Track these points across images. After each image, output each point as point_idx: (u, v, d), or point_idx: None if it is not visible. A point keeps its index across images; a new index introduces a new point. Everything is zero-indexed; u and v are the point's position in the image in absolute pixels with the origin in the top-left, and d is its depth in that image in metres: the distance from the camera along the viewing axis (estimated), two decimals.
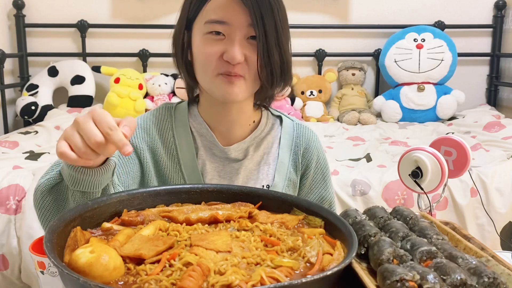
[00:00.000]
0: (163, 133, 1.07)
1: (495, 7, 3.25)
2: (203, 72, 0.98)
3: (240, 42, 0.93)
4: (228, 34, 0.94)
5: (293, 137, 1.12)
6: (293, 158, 1.11)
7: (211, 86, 0.98)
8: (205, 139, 1.07)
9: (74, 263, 0.60)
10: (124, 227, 0.76)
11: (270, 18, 0.92)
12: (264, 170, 1.09)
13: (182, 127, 1.07)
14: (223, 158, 1.07)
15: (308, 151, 1.12)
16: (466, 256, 0.68)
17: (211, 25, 0.94)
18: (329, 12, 3.26)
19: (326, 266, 0.65)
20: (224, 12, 0.92)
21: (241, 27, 0.93)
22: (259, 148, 1.09)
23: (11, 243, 1.85)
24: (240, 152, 1.07)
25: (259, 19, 0.91)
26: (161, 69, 3.19)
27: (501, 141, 2.37)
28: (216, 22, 0.93)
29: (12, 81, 3.12)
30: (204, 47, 0.95)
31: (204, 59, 0.95)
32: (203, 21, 0.95)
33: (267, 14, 0.91)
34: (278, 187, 1.08)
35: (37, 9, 3.17)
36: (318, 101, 3.17)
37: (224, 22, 0.93)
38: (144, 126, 1.06)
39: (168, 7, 3.15)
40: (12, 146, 2.35)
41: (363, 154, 2.28)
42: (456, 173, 1.06)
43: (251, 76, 0.96)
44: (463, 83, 3.23)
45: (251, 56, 0.94)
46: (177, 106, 1.11)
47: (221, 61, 0.94)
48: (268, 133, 1.11)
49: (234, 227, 0.78)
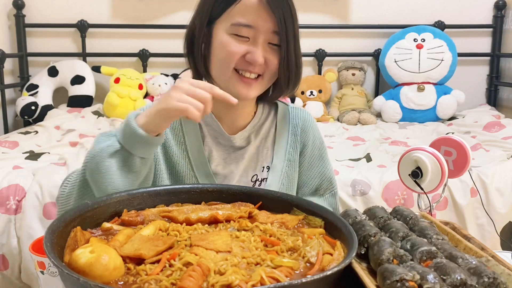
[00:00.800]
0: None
1: (495, 7, 3.25)
2: (221, 67, 1.03)
3: (263, 46, 1.01)
4: (253, 37, 1.00)
5: (289, 119, 1.18)
6: (291, 139, 1.17)
7: (227, 82, 1.04)
8: (211, 128, 1.12)
9: (74, 263, 0.61)
10: (124, 227, 0.76)
11: (292, 26, 1.00)
12: (263, 153, 1.15)
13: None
14: (228, 146, 1.12)
15: (304, 130, 1.19)
16: (466, 256, 0.68)
17: (238, 28, 1.00)
18: (329, 12, 3.26)
19: (326, 266, 0.65)
20: (253, 16, 0.99)
21: (266, 32, 1.00)
22: (259, 134, 1.16)
23: (11, 243, 1.85)
24: (243, 140, 1.14)
25: (283, 27, 0.99)
26: (161, 69, 3.19)
27: (501, 141, 2.37)
28: (244, 25, 0.99)
29: (12, 81, 3.12)
30: (228, 46, 1.00)
31: (226, 56, 1.01)
32: (229, 21, 1.00)
33: (289, 23, 0.99)
34: (277, 167, 1.14)
35: (37, 9, 3.17)
36: (318, 101, 3.17)
37: (251, 26, 0.99)
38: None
39: (168, 7, 3.14)
40: (12, 146, 2.35)
41: (363, 154, 2.28)
42: (456, 173, 1.06)
43: (268, 76, 1.04)
44: (463, 83, 3.23)
45: (271, 59, 1.02)
46: None
47: (242, 60, 1.01)
48: (266, 119, 1.18)
49: (234, 227, 0.78)
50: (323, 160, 1.22)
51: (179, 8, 3.12)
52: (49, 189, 1.86)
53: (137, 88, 3.01)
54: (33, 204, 1.85)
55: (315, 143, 1.20)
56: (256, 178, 1.13)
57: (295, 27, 1.01)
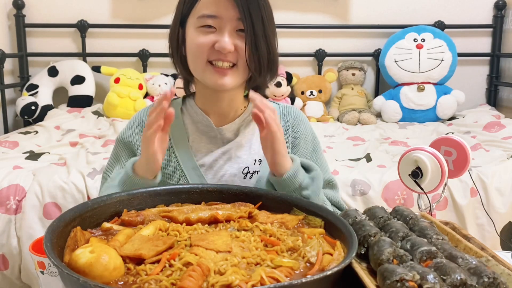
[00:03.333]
0: None
1: (495, 7, 3.25)
2: (195, 61, 1.07)
3: (230, 34, 1.03)
4: (219, 27, 1.03)
5: (281, 116, 1.19)
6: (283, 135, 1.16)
7: (203, 75, 1.07)
8: (201, 124, 1.15)
9: (74, 263, 0.61)
10: (124, 227, 0.76)
11: (257, 12, 1.02)
12: (256, 145, 1.16)
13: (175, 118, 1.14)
14: (217, 139, 1.15)
15: (295, 125, 1.19)
16: (466, 256, 0.68)
17: (203, 19, 1.03)
18: (329, 12, 3.26)
19: (326, 266, 0.65)
20: (215, 7, 1.02)
21: (230, 20, 1.02)
22: (249, 127, 1.17)
23: (11, 243, 1.85)
24: (232, 133, 1.16)
25: (247, 13, 1.01)
26: (161, 69, 3.19)
27: (501, 141, 2.37)
28: (208, 16, 1.02)
29: (12, 81, 3.12)
30: (197, 39, 1.04)
31: (196, 48, 1.05)
32: (195, 16, 1.04)
33: (254, 9, 1.01)
34: None
35: (37, 9, 3.17)
36: (318, 101, 3.17)
37: (215, 16, 1.02)
38: (139, 122, 1.18)
39: (168, 7, 3.14)
40: (12, 146, 2.35)
41: (363, 154, 2.28)
42: (456, 173, 1.06)
43: (242, 64, 1.05)
44: (463, 83, 3.23)
45: (241, 46, 1.04)
46: (173, 102, 1.20)
47: (213, 50, 1.03)
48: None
49: (234, 227, 0.78)
50: (317, 155, 1.22)
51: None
52: (49, 189, 1.86)
53: (137, 88, 3.01)
54: (33, 204, 1.85)
55: (307, 137, 1.20)
56: (247, 170, 1.14)
57: (263, 12, 1.03)
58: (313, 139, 1.22)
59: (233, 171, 1.13)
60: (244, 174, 1.14)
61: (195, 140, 1.15)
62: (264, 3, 1.04)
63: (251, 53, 1.03)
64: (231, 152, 1.14)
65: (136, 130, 1.17)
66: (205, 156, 1.14)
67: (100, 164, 2.01)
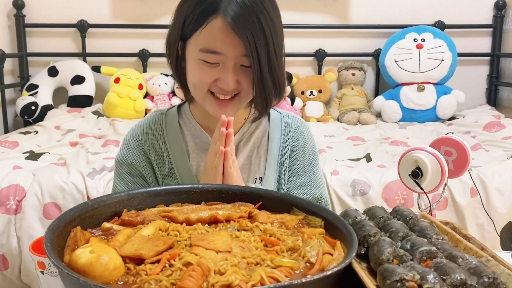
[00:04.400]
0: (154, 140, 1.11)
1: (495, 7, 3.25)
2: (195, 90, 1.02)
3: (234, 70, 0.96)
4: (222, 62, 0.96)
5: (282, 128, 1.15)
6: (282, 147, 1.13)
7: (203, 102, 1.03)
8: (200, 140, 1.11)
9: (74, 263, 0.61)
10: (124, 227, 0.76)
11: (264, 47, 0.93)
12: (256, 163, 1.12)
13: (173, 132, 1.11)
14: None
15: (295, 136, 1.15)
16: (466, 256, 0.68)
17: (206, 55, 0.95)
18: (329, 12, 3.26)
19: (326, 266, 0.65)
20: (219, 43, 0.94)
21: (235, 57, 0.95)
22: (249, 143, 1.12)
23: (11, 243, 1.85)
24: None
25: (254, 50, 0.92)
26: (161, 69, 3.19)
27: (501, 141, 2.37)
28: (211, 52, 0.95)
29: (12, 81, 3.12)
30: (198, 73, 0.98)
31: (198, 82, 0.99)
32: (197, 46, 0.96)
33: (260, 44, 0.92)
34: (270, 179, 1.11)
35: (37, 9, 3.17)
36: (318, 101, 3.17)
37: (218, 53, 0.95)
38: (138, 140, 1.12)
39: (168, 7, 3.14)
40: (12, 146, 2.35)
41: (363, 154, 2.28)
42: (456, 173, 1.06)
43: (244, 94, 1.01)
44: (463, 83, 3.23)
45: (244, 79, 0.98)
46: (167, 113, 1.14)
47: (215, 85, 0.98)
48: (257, 127, 1.14)
49: (234, 227, 0.78)
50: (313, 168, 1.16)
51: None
52: (49, 189, 1.86)
53: (137, 88, 3.01)
54: (33, 204, 1.85)
55: (306, 149, 1.16)
56: None
57: (270, 45, 0.94)
58: (312, 152, 1.17)
59: None
60: None
61: (196, 158, 1.10)
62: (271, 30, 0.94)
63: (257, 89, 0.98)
64: None
65: (136, 150, 1.11)
66: None
67: (100, 164, 2.01)
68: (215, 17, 0.93)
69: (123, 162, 1.12)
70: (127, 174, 1.12)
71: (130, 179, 1.12)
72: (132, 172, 1.12)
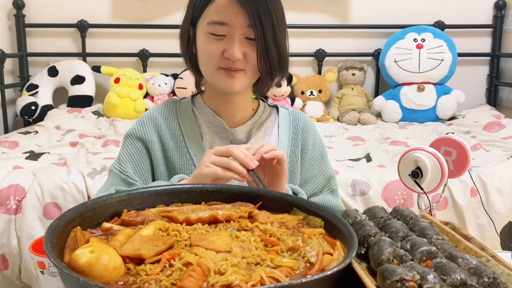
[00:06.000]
0: (169, 122, 1.17)
1: (495, 7, 3.25)
2: (206, 66, 1.09)
3: (240, 41, 1.03)
4: (228, 34, 1.03)
5: (290, 121, 1.22)
6: (292, 138, 1.20)
7: (213, 78, 1.09)
8: (212, 125, 1.16)
9: (74, 263, 0.60)
10: (124, 227, 0.76)
11: (268, 19, 1.01)
12: None
13: (187, 117, 1.17)
14: (229, 140, 1.16)
15: (305, 130, 1.23)
16: (466, 256, 0.68)
17: (213, 26, 1.03)
18: (329, 12, 3.26)
19: (326, 266, 0.65)
20: (225, 14, 1.02)
21: (240, 27, 1.02)
22: (261, 129, 1.19)
23: (11, 243, 1.85)
24: (244, 134, 1.17)
25: (257, 21, 1.00)
26: (161, 69, 3.19)
27: (501, 141, 2.37)
28: (218, 23, 1.03)
29: (12, 81, 3.12)
30: (207, 45, 1.05)
31: (207, 55, 1.06)
32: (206, 21, 1.05)
33: (264, 16, 1.01)
34: None
35: (37, 9, 3.17)
36: (318, 101, 3.17)
37: (224, 23, 1.02)
38: (152, 118, 1.17)
39: (168, 7, 3.14)
40: (12, 146, 2.35)
41: (363, 154, 2.28)
42: (456, 173, 1.06)
43: (250, 70, 1.07)
44: (463, 83, 3.23)
45: (250, 53, 1.04)
46: (181, 101, 1.21)
47: (222, 58, 1.05)
48: (267, 118, 1.21)
49: (234, 227, 0.78)
50: (324, 159, 1.25)
51: (179, 8, 3.11)
52: (49, 189, 1.86)
53: (137, 88, 3.01)
54: (33, 204, 1.85)
55: (316, 142, 1.23)
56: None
57: (274, 18, 1.02)
58: (321, 144, 1.25)
59: None
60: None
61: (209, 140, 1.16)
62: (274, 7, 1.03)
63: (262, 60, 1.04)
64: None
65: (149, 126, 1.16)
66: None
67: (100, 164, 2.01)
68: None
69: (132, 135, 1.17)
70: (133, 147, 1.15)
71: (134, 151, 1.15)
72: (138, 145, 1.15)
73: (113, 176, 1.14)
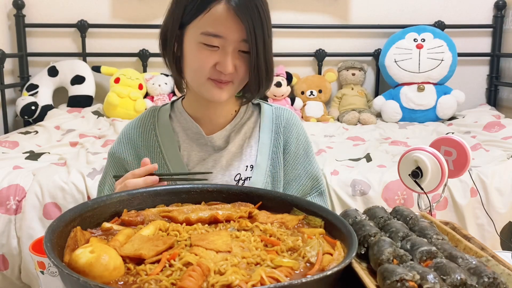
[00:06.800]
0: (146, 137, 1.17)
1: (495, 7, 3.25)
2: (194, 75, 1.06)
3: (233, 55, 1.02)
4: (222, 46, 1.01)
5: (272, 119, 1.19)
6: (274, 137, 1.18)
7: (201, 88, 1.07)
8: (190, 131, 1.15)
9: (74, 263, 0.61)
10: (124, 227, 0.76)
11: (261, 33, 1.00)
12: (247, 152, 1.16)
13: (164, 126, 1.16)
14: (208, 146, 1.15)
15: (287, 128, 1.19)
16: (466, 256, 0.68)
17: (207, 38, 1.00)
18: (329, 12, 3.26)
19: (326, 266, 0.65)
20: (221, 27, 0.99)
21: (235, 41, 1.01)
22: (240, 133, 1.17)
23: (11, 243, 1.85)
24: (223, 140, 1.15)
25: (252, 36, 0.99)
26: (161, 69, 3.19)
27: (501, 141, 2.37)
28: (213, 35, 1.00)
29: (12, 81, 3.12)
30: (199, 55, 1.02)
31: (198, 66, 1.03)
32: (199, 29, 1.01)
33: (258, 29, 0.99)
34: (262, 166, 1.15)
35: (37, 9, 3.17)
36: (318, 101, 3.17)
37: (220, 36, 1.00)
38: (129, 137, 1.18)
39: None
40: (12, 146, 2.35)
41: (363, 154, 2.28)
42: (456, 173, 1.06)
43: (238, 81, 1.06)
44: (463, 83, 3.23)
45: (241, 65, 1.03)
46: (161, 108, 1.20)
47: (214, 69, 1.03)
48: (248, 119, 1.19)
49: (234, 227, 0.78)
50: (309, 159, 1.21)
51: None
52: (49, 189, 1.86)
53: (137, 88, 3.01)
54: (33, 204, 1.85)
55: (299, 140, 1.20)
56: (239, 177, 1.14)
57: (265, 32, 1.01)
58: (306, 142, 1.21)
59: (225, 179, 1.13)
60: (236, 181, 1.14)
61: (186, 148, 1.15)
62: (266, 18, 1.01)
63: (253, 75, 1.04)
64: (222, 160, 1.13)
65: (126, 146, 1.17)
66: (197, 165, 1.13)
67: (100, 164, 2.01)
68: (217, 3, 0.99)
69: (112, 154, 1.19)
70: (113, 167, 1.18)
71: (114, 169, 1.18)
72: (117, 165, 1.17)
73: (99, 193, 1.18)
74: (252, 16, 0.98)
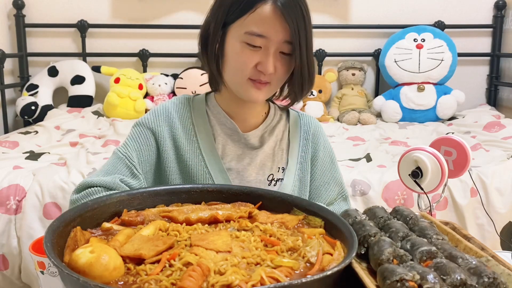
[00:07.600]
0: (183, 119, 1.14)
1: (495, 7, 3.25)
2: (235, 74, 1.06)
3: (274, 56, 1.01)
4: (264, 46, 1.01)
5: (300, 125, 1.21)
6: (303, 143, 1.19)
7: (239, 88, 1.06)
8: (225, 127, 1.14)
9: (74, 263, 0.61)
10: (124, 227, 0.76)
11: (305, 35, 1.00)
12: (279, 154, 1.17)
13: (200, 116, 1.15)
14: (242, 143, 1.14)
15: (316, 136, 1.21)
16: (466, 256, 0.68)
17: (251, 37, 1.00)
18: (329, 12, 3.26)
19: (326, 266, 0.65)
20: (267, 27, 0.99)
21: (278, 42, 1.00)
22: (273, 135, 1.17)
23: (11, 243, 1.85)
24: (257, 139, 1.15)
25: (296, 37, 0.99)
26: (161, 69, 3.19)
27: (501, 141, 2.37)
28: (257, 35, 0.99)
29: (12, 81, 3.12)
30: (241, 55, 1.02)
31: (240, 65, 1.03)
32: (243, 29, 1.01)
33: (303, 32, 1.00)
34: (291, 170, 1.16)
35: (37, 9, 3.17)
36: (318, 101, 3.17)
37: (264, 36, 0.99)
38: (166, 111, 1.13)
39: (168, 7, 3.14)
40: (12, 146, 2.35)
41: (363, 154, 2.28)
42: (456, 173, 1.06)
43: (275, 82, 1.06)
44: (463, 83, 3.23)
45: (280, 67, 1.03)
46: (195, 98, 1.18)
47: (254, 69, 1.03)
48: (278, 122, 1.20)
49: (234, 227, 0.78)
50: (334, 165, 1.23)
51: (179, 8, 3.12)
52: (49, 189, 1.86)
53: (137, 88, 3.01)
54: (33, 204, 1.85)
55: (326, 148, 1.22)
56: (272, 177, 1.14)
57: (308, 35, 1.01)
58: (331, 150, 1.24)
59: (260, 178, 1.13)
60: (269, 181, 1.14)
61: (221, 142, 1.13)
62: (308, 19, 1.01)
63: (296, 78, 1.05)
64: (257, 159, 1.13)
65: (163, 120, 1.11)
66: (232, 161, 1.12)
67: (100, 164, 2.00)
68: (264, 3, 0.99)
69: (143, 124, 1.11)
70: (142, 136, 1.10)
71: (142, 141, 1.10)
72: (148, 136, 1.10)
73: (118, 160, 1.09)
74: (297, 17, 0.98)
